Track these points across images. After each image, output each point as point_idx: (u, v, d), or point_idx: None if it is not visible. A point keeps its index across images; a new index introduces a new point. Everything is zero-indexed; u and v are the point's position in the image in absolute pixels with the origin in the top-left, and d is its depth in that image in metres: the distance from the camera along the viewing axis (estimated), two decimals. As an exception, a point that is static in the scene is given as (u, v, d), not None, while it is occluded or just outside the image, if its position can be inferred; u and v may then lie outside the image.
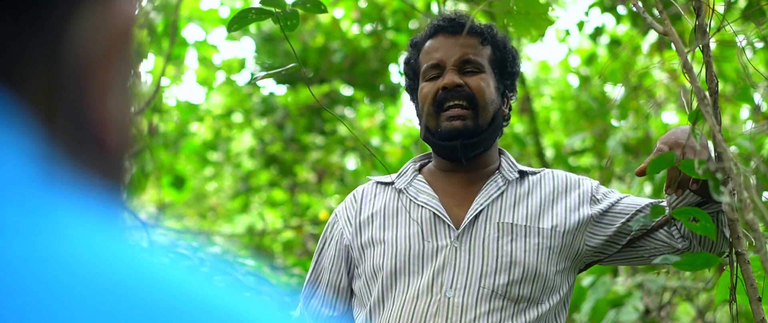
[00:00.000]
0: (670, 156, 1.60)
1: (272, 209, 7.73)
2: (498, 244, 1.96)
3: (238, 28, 2.11)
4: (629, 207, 2.03)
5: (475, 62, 2.03)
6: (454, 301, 1.91)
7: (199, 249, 3.86)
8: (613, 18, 6.01)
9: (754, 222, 1.26)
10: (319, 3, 2.09)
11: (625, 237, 2.02)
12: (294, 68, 2.12)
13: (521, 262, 1.95)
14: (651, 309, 4.28)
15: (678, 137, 1.84)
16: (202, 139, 7.52)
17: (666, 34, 1.56)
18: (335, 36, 6.59)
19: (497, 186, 2.03)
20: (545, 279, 1.96)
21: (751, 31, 2.82)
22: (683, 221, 1.71)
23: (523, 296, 1.94)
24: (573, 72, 7.24)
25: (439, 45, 2.05)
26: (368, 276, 2.01)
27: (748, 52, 4.87)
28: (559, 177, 2.08)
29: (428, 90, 2.02)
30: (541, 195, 2.04)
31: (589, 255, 2.05)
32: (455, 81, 1.99)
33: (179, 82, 7.70)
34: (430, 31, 2.09)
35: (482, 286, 1.92)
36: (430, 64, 2.04)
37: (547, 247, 1.97)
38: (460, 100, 1.99)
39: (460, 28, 2.03)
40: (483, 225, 1.98)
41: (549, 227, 1.99)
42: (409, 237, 1.98)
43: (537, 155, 6.19)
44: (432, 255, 1.96)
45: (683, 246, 1.98)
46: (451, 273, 1.93)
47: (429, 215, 2.00)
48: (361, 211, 2.07)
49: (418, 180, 2.07)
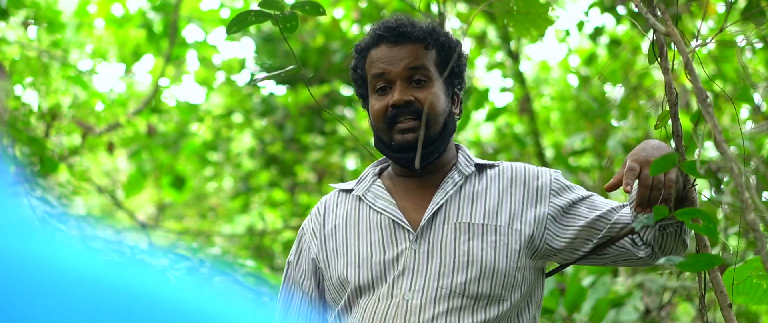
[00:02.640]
0: (672, 157, 1.60)
1: (272, 209, 7.73)
2: (455, 244, 1.98)
3: (237, 30, 2.11)
4: (593, 210, 2.03)
5: (422, 71, 2.03)
6: (412, 303, 1.94)
7: (199, 250, 3.86)
8: (613, 18, 6.01)
9: (755, 223, 1.26)
10: (317, 5, 2.09)
11: (588, 239, 2.01)
12: (293, 70, 2.12)
13: (478, 260, 1.96)
14: (651, 309, 4.28)
15: (648, 154, 1.83)
16: (202, 139, 7.52)
17: (668, 35, 1.56)
18: (335, 36, 6.59)
19: (453, 182, 2.06)
20: (504, 276, 1.97)
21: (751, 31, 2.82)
22: (685, 222, 1.71)
23: (481, 293, 1.95)
24: (573, 72, 7.24)
25: (383, 55, 2.05)
26: (335, 286, 2.05)
27: (748, 52, 4.86)
28: (516, 171, 2.08)
29: (379, 106, 2.04)
30: (499, 189, 2.05)
31: (552, 256, 2.05)
32: (404, 98, 2.01)
33: (179, 83, 7.71)
34: (373, 39, 2.08)
35: (440, 286, 1.95)
36: (376, 74, 2.05)
37: (505, 244, 1.98)
38: (410, 115, 2.01)
39: (403, 37, 2.04)
40: (440, 226, 2.00)
41: (505, 224, 2.00)
42: (370, 245, 2.02)
43: (537, 155, 6.19)
44: (392, 261, 1.99)
45: (645, 253, 1.98)
46: (410, 276, 1.97)
47: (388, 221, 2.04)
48: (325, 224, 2.10)
49: (377, 185, 2.10)
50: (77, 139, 5.92)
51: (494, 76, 7.62)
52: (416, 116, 2.00)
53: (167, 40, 6.94)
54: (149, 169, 7.22)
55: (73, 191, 5.69)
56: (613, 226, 2.00)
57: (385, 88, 2.04)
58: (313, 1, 2.08)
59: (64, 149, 5.73)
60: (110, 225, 6.26)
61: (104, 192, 6.67)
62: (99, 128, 5.98)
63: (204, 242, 7.37)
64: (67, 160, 5.79)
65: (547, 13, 2.24)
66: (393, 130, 2.02)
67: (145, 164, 7.17)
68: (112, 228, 5.52)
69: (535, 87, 7.42)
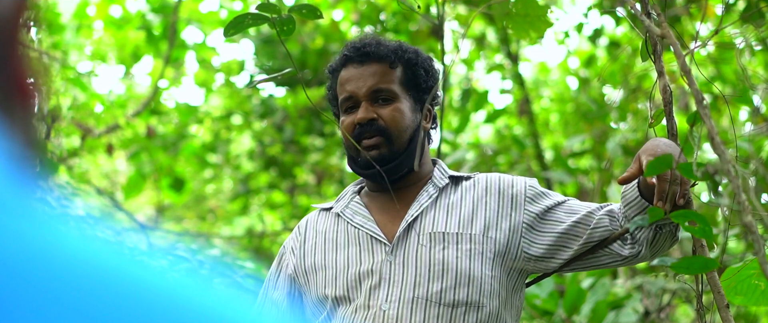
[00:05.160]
0: (669, 157, 1.60)
1: (272, 211, 7.73)
2: (430, 253, 2.00)
3: (234, 33, 2.12)
4: (571, 214, 2.03)
5: (386, 90, 2.09)
6: (389, 313, 1.97)
7: (198, 252, 3.86)
8: (613, 20, 6.01)
9: (752, 224, 1.26)
10: (314, 9, 2.10)
11: (567, 246, 2.01)
12: (290, 73, 2.14)
13: (453, 268, 1.98)
14: (650, 311, 4.29)
15: (663, 150, 1.83)
16: (201, 141, 7.52)
17: (663, 37, 1.57)
18: (335, 38, 6.59)
19: (428, 194, 2.09)
20: (480, 283, 1.98)
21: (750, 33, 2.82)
22: (681, 224, 1.71)
23: (458, 301, 1.97)
24: (572, 74, 7.24)
25: (350, 76, 2.11)
26: (314, 301, 2.08)
27: (747, 54, 4.87)
28: (491, 181, 2.10)
29: (347, 124, 2.10)
30: (473, 199, 2.07)
31: (532, 264, 2.05)
32: (367, 117, 2.06)
33: (178, 84, 7.71)
34: (340, 61, 2.15)
35: (416, 296, 1.97)
36: (344, 97, 2.11)
37: (480, 252, 2.00)
38: (373, 133, 2.07)
39: (366, 57, 2.10)
40: (415, 237, 2.03)
41: (480, 232, 2.02)
42: (347, 258, 2.05)
43: (536, 157, 6.20)
44: (368, 272, 2.02)
45: (630, 253, 1.99)
46: (386, 287, 1.99)
47: (365, 236, 2.07)
48: (305, 241, 2.14)
49: (355, 202, 2.14)
50: (76, 140, 5.92)
51: (493, 78, 7.62)
52: (380, 133, 2.06)
53: (166, 42, 6.94)
54: (148, 171, 7.22)
55: (73, 193, 5.69)
56: (594, 231, 2.00)
57: (353, 108, 2.10)
58: (311, 4, 2.09)
59: (63, 151, 5.73)
60: (110, 226, 6.25)
61: (104, 194, 6.67)
62: (98, 130, 5.98)
63: (203, 244, 7.37)
64: (67, 162, 5.79)
65: (546, 15, 2.25)
66: (360, 146, 2.07)
67: (144, 166, 7.17)
68: (111, 229, 5.50)
69: (534, 89, 7.42)
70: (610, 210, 2.01)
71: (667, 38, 1.52)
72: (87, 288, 0.41)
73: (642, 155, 1.85)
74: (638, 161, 1.85)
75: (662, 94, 1.78)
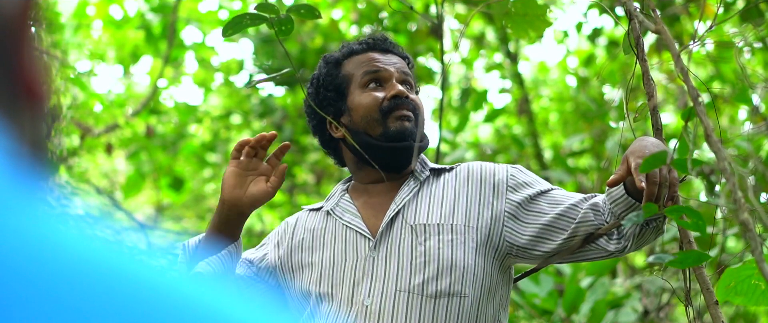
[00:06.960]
0: (663, 155, 1.60)
1: (271, 210, 7.73)
2: (412, 246, 2.00)
3: (232, 33, 2.12)
4: (554, 206, 2.01)
5: (412, 80, 2.15)
6: (372, 308, 1.97)
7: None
8: (612, 19, 6.01)
9: (749, 222, 1.27)
10: (313, 9, 2.10)
11: (551, 239, 2.00)
12: (289, 73, 2.14)
13: (435, 258, 1.98)
14: (650, 310, 4.29)
15: (651, 152, 1.81)
16: (200, 141, 7.52)
17: (659, 33, 1.57)
18: (334, 37, 6.59)
19: (409, 188, 2.09)
20: (463, 272, 1.97)
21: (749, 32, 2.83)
22: (674, 219, 1.71)
23: (440, 291, 1.96)
24: (571, 73, 7.24)
25: (376, 57, 2.14)
26: (299, 297, 2.09)
27: (747, 53, 4.87)
28: (473, 169, 2.10)
29: (372, 98, 2.09)
30: (455, 189, 2.07)
31: (517, 253, 2.03)
32: (405, 92, 2.08)
33: (178, 84, 7.71)
34: (360, 46, 2.17)
35: (398, 289, 1.97)
36: (371, 70, 2.11)
37: (462, 242, 1.99)
38: (408, 109, 2.08)
39: (390, 49, 2.15)
40: (398, 231, 2.03)
41: (462, 222, 2.01)
42: (333, 256, 2.06)
43: (535, 156, 6.20)
44: (352, 268, 2.02)
45: (616, 248, 1.97)
46: (369, 282, 1.99)
47: (352, 233, 2.07)
48: (293, 235, 2.15)
49: (345, 200, 2.14)
50: (76, 140, 5.92)
51: (493, 77, 7.63)
52: (412, 111, 2.08)
53: (166, 42, 6.94)
54: (148, 170, 7.22)
55: (72, 192, 5.69)
56: (579, 225, 1.98)
57: (378, 84, 2.10)
58: (309, 4, 2.09)
59: (62, 150, 5.74)
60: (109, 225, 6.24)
61: (103, 193, 6.67)
62: (97, 129, 5.98)
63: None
64: (66, 161, 5.79)
65: (546, 15, 2.25)
66: (389, 119, 2.06)
67: (143, 165, 7.17)
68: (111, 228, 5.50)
69: (533, 88, 7.42)
70: (595, 203, 1.99)
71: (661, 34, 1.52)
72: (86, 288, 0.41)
73: (630, 156, 1.84)
74: (626, 162, 1.84)
75: (646, 88, 1.78)
